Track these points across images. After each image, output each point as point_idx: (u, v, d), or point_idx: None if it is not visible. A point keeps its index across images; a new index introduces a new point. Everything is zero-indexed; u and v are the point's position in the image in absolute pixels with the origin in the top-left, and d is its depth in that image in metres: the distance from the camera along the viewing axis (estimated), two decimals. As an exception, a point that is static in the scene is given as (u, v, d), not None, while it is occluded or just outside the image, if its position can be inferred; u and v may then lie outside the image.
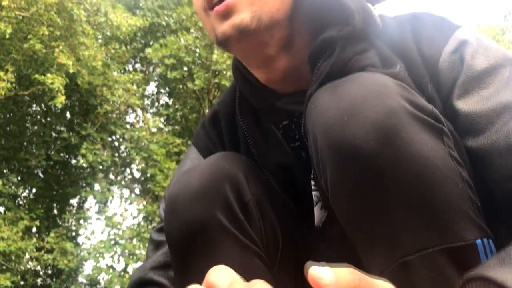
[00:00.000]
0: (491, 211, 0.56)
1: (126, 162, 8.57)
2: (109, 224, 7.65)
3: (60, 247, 7.23)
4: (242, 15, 0.67)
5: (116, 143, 8.71)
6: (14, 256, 6.93)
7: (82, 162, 7.69)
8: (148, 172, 7.75)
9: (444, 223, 0.51)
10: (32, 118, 8.74)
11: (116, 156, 8.30)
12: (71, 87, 7.36)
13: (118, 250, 7.62)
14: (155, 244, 0.84)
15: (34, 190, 8.64)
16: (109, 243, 7.48)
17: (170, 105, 9.24)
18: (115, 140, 8.66)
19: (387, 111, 0.53)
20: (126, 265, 7.85)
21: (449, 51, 0.68)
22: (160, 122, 8.81)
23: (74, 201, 9.05)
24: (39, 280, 8.67)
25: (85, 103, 8.04)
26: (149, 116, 8.98)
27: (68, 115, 8.66)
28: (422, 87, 0.67)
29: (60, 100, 6.28)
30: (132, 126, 8.69)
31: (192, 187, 0.68)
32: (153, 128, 8.59)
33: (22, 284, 7.90)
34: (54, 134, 8.52)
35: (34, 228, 7.68)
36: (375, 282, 0.36)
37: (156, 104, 9.69)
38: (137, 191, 8.71)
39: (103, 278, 7.82)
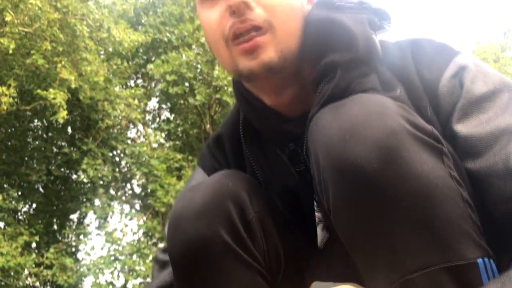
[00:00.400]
0: (490, 232, 0.57)
1: (126, 178, 8.54)
2: (109, 240, 7.60)
3: (59, 263, 7.16)
4: (270, 54, 0.69)
5: (117, 158, 8.69)
6: (13, 272, 6.84)
7: (83, 177, 7.67)
8: (149, 188, 7.72)
9: (445, 242, 0.52)
10: (34, 133, 8.73)
11: (117, 171, 8.27)
12: (73, 102, 7.36)
13: (118, 266, 7.56)
14: (161, 264, 0.84)
15: (34, 205, 8.58)
16: (109, 259, 7.43)
17: (171, 120, 9.24)
18: (116, 155, 8.63)
19: (388, 131, 0.54)
20: (126, 281, 7.77)
21: (449, 76, 0.69)
22: (161, 137, 8.81)
23: (74, 216, 8.98)
24: (37, 297, 8.59)
25: (86, 118, 8.04)
26: (150, 131, 8.99)
27: (69, 130, 8.64)
28: (421, 110, 0.68)
29: (62, 115, 6.27)
30: (133, 141, 8.69)
31: (195, 204, 0.68)
32: (154, 143, 8.59)
33: (20, 301, 7.82)
34: (55, 149, 8.49)
35: (34, 244, 7.62)
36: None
37: (158, 119, 9.70)
38: (137, 206, 8.67)
39: (102, 294, 7.76)
